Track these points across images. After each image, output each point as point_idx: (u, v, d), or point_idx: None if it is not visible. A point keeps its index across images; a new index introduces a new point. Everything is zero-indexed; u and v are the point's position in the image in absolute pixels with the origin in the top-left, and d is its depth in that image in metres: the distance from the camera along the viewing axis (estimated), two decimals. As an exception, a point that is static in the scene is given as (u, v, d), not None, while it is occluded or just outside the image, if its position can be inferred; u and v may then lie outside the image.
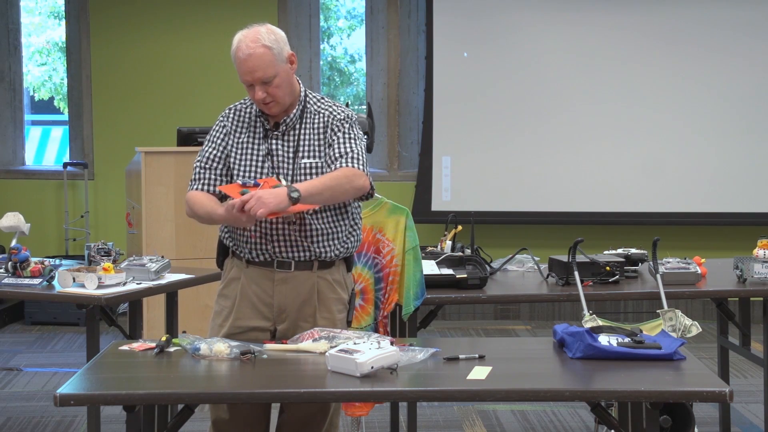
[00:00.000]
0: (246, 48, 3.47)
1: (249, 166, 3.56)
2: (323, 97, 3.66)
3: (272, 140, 3.57)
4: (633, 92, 8.02)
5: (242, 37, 3.50)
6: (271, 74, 3.47)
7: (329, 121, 3.57)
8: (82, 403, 3.10)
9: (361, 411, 4.32)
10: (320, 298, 3.57)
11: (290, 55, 3.54)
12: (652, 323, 3.85)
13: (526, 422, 5.46)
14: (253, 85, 3.50)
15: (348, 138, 3.54)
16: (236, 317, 3.58)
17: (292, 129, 3.56)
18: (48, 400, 5.74)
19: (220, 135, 3.63)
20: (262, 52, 3.46)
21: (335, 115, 3.58)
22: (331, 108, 3.61)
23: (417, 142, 8.33)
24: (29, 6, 10.87)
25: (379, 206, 4.20)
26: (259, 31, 3.50)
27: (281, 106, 3.54)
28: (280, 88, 3.50)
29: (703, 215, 8.10)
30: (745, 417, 5.54)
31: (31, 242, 5.67)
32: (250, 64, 3.47)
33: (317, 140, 3.56)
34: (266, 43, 3.47)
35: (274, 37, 3.50)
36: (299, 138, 3.56)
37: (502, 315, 8.28)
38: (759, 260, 4.44)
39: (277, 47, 3.49)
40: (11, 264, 4.52)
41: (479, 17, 8.02)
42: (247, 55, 3.47)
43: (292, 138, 3.56)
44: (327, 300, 3.58)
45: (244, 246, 3.56)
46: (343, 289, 3.63)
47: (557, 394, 3.09)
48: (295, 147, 3.55)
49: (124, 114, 8.24)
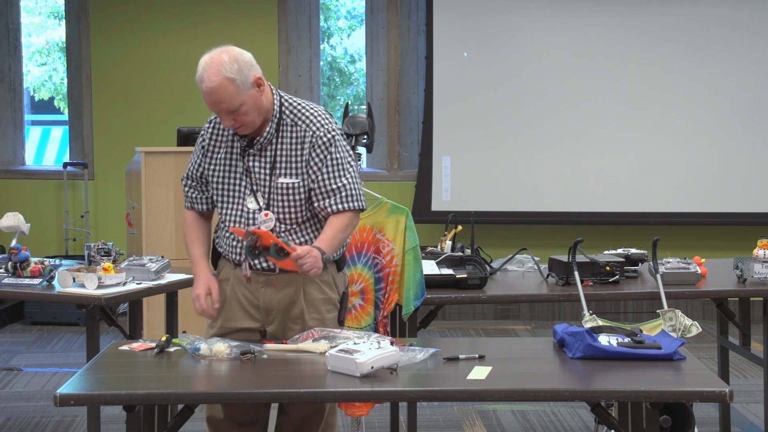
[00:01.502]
0: (208, 81, 3.38)
1: (228, 184, 3.55)
2: (300, 105, 3.55)
3: (249, 157, 3.52)
4: (633, 92, 8.02)
5: (205, 67, 3.41)
6: (236, 105, 3.38)
7: (310, 140, 3.47)
8: (82, 403, 3.11)
9: (361, 411, 4.32)
10: (307, 299, 3.56)
11: (256, 79, 3.43)
12: (652, 323, 3.85)
13: (526, 422, 5.46)
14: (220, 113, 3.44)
15: (336, 165, 3.48)
16: (226, 318, 3.59)
17: (268, 144, 3.51)
18: (48, 400, 5.74)
19: (199, 152, 3.61)
20: (225, 84, 3.36)
21: (316, 133, 3.47)
22: (310, 121, 3.49)
23: (417, 142, 8.33)
24: (29, 6, 10.87)
25: (379, 206, 4.20)
26: (222, 60, 3.39)
27: (252, 128, 3.47)
28: (248, 114, 3.41)
29: (703, 215, 8.10)
30: (745, 417, 5.54)
31: (31, 242, 5.66)
32: (214, 97, 3.38)
33: (295, 156, 3.49)
34: (229, 74, 3.37)
35: (237, 66, 3.39)
36: (276, 154, 3.50)
37: (502, 315, 8.27)
38: (759, 260, 4.44)
39: (240, 77, 3.38)
40: (11, 264, 4.52)
41: (479, 17, 8.02)
42: (210, 89, 3.37)
43: (269, 154, 3.51)
44: (315, 301, 3.57)
45: (231, 251, 3.58)
46: (332, 289, 3.62)
47: (557, 394, 3.09)
48: (272, 164, 3.50)
49: (124, 114, 8.24)
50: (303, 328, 3.50)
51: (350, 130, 4.79)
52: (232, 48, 3.46)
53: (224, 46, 3.47)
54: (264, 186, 3.51)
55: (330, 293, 3.61)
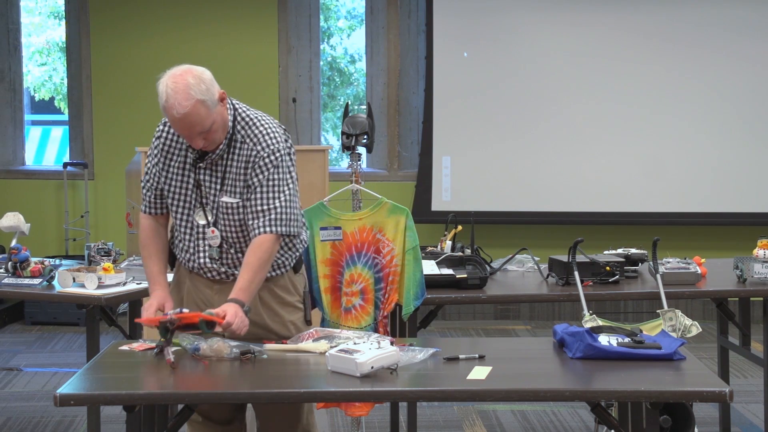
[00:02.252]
0: (179, 106, 3.25)
1: (180, 194, 3.49)
2: (252, 119, 3.46)
3: (199, 171, 3.46)
4: (633, 92, 8.02)
5: (171, 93, 3.26)
6: (209, 125, 3.30)
7: (252, 158, 3.40)
8: (82, 403, 3.11)
9: (361, 411, 4.32)
10: (264, 305, 3.55)
11: (221, 94, 3.36)
12: (652, 323, 3.85)
13: (526, 422, 5.46)
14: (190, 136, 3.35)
15: (271, 186, 3.40)
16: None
17: (219, 159, 3.44)
18: (48, 400, 5.74)
19: (153, 161, 3.53)
20: (197, 107, 3.26)
21: (260, 153, 3.40)
22: (258, 139, 3.41)
23: (417, 142, 8.33)
24: (29, 6, 10.87)
25: (379, 206, 4.20)
26: (187, 83, 3.27)
27: (218, 143, 3.40)
28: (217, 132, 3.35)
29: (703, 215, 8.10)
30: (745, 417, 5.54)
31: (31, 242, 5.66)
32: (187, 121, 3.28)
33: (240, 176, 3.42)
34: (199, 96, 3.26)
35: (204, 86, 3.29)
36: (225, 171, 3.44)
37: (502, 315, 8.27)
38: (759, 260, 4.44)
39: (209, 96, 3.29)
40: (11, 264, 4.52)
41: (479, 17, 8.02)
42: (183, 115, 3.26)
43: (219, 169, 3.44)
44: (272, 306, 3.56)
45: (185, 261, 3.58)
46: (289, 292, 3.60)
47: (557, 394, 3.09)
48: (221, 180, 3.44)
49: (124, 114, 8.24)
50: (267, 331, 3.51)
51: (350, 130, 4.79)
52: (191, 67, 3.34)
53: (182, 67, 3.34)
54: (213, 201, 3.46)
55: (287, 297, 3.59)
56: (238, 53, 8.24)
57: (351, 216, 4.23)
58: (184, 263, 3.58)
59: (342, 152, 6.47)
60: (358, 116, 4.84)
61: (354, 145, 4.78)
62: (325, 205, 4.22)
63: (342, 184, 4.74)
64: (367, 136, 4.79)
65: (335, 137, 10.16)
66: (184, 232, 3.52)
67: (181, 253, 3.57)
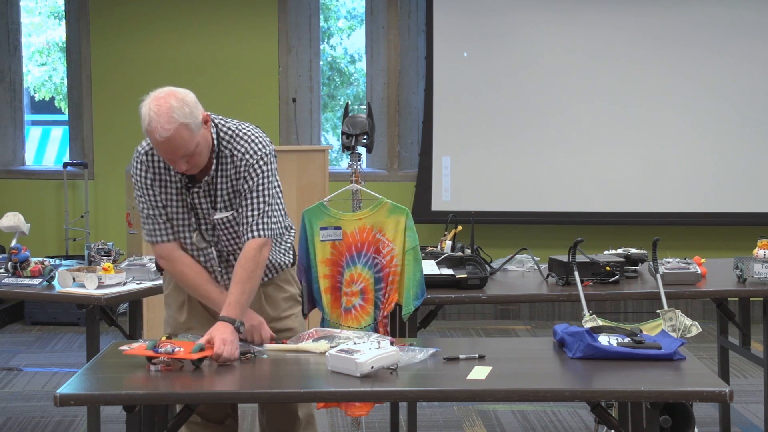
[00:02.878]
0: (162, 130, 3.20)
1: (177, 219, 3.46)
2: (234, 130, 3.42)
3: (193, 193, 3.42)
4: (633, 92, 8.02)
5: (154, 116, 3.21)
6: (192, 147, 3.26)
7: (240, 166, 3.37)
8: (82, 403, 3.11)
9: (361, 411, 4.32)
10: (269, 301, 3.57)
11: (204, 116, 3.31)
12: (652, 323, 3.85)
13: (526, 422, 5.46)
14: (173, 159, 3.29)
15: (257, 189, 3.37)
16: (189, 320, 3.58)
17: (211, 180, 3.41)
18: (48, 400, 5.74)
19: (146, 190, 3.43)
20: (180, 130, 3.21)
21: (248, 160, 3.37)
22: (244, 149, 3.38)
23: (417, 142, 8.33)
24: (29, 6, 10.87)
25: (379, 206, 4.20)
26: (171, 106, 3.22)
27: (201, 166, 3.36)
28: (201, 154, 3.31)
29: (703, 215, 8.10)
30: (745, 417, 5.54)
31: (31, 242, 5.66)
32: (171, 145, 3.22)
33: (231, 189, 3.40)
34: (182, 119, 3.21)
35: (188, 109, 3.24)
36: (216, 189, 3.41)
37: (502, 315, 8.27)
38: (759, 260, 4.44)
39: (192, 119, 3.24)
40: (11, 264, 4.52)
41: (479, 17, 8.02)
42: (166, 138, 3.21)
43: (211, 189, 3.41)
44: (276, 300, 3.59)
45: None
46: (291, 284, 3.65)
47: (557, 394, 3.09)
48: (213, 199, 3.42)
49: (124, 114, 8.23)
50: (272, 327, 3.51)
51: (350, 130, 4.79)
52: (175, 90, 3.29)
53: (165, 89, 3.30)
54: (209, 222, 3.45)
55: (291, 289, 3.65)
56: (238, 53, 8.24)
57: (351, 216, 4.23)
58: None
59: (342, 152, 6.47)
60: (358, 116, 4.83)
61: (354, 145, 4.78)
62: (325, 205, 4.22)
63: (342, 184, 4.74)
64: (367, 136, 4.79)
65: (335, 137, 10.17)
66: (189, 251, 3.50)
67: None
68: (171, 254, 3.47)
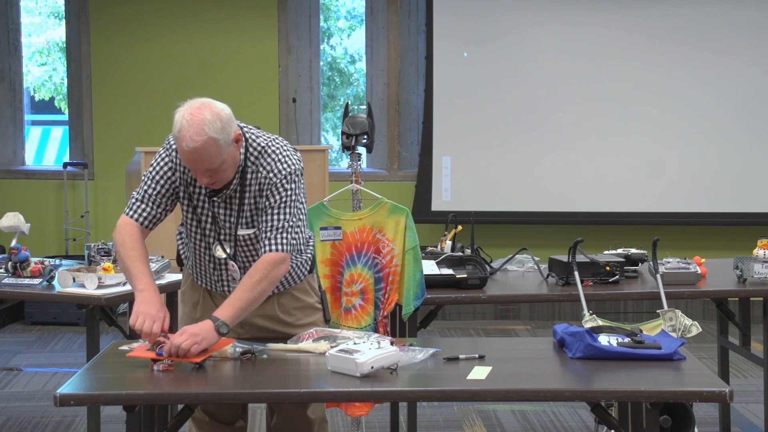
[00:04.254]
0: (190, 140, 3.17)
1: (198, 226, 3.44)
2: (263, 146, 3.37)
3: (215, 204, 3.40)
4: (633, 92, 8.02)
5: (186, 124, 3.20)
6: (218, 163, 3.23)
7: (265, 183, 3.34)
8: (82, 403, 3.11)
9: (361, 411, 4.33)
10: (283, 311, 3.54)
11: (236, 135, 3.28)
12: (652, 323, 3.85)
13: (526, 422, 5.46)
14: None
15: (279, 207, 3.33)
16: None
17: (234, 193, 3.39)
18: (48, 400, 5.74)
19: (163, 173, 3.40)
20: (209, 144, 3.18)
21: (271, 178, 3.33)
22: (270, 166, 3.34)
23: (417, 142, 8.33)
24: (29, 6, 10.87)
25: (379, 206, 4.20)
26: (204, 118, 3.19)
27: (224, 182, 3.33)
28: (227, 172, 3.28)
29: (703, 215, 8.10)
30: (745, 417, 5.54)
31: (31, 242, 5.67)
32: (195, 156, 3.20)
33: (255, 206, 3.38)
34: (212, 134, 3.18)
35: (220, 125, 3.21)
36: (240, 204, 3.38)
37: (502, 315, 8.28)
38: (759, 260, 4.44)
39: (223, 136, 3.21)
40: (11, 264, 4.52)
41: (479, 17, 8.02)
42: (192, 149, 3.18)
43: (235, 203, 3.38)
44: (291, 310, 3.55)
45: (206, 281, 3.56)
46: (308, 294, 3.59)
47: (557, 394, 3.09)
48: (237, 215, 3.39)
49: (124, 114, 8.24)
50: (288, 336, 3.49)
51: (350, 130, 4.79)
52: (212, 103, 3.27)
53: (202, 100, 3.27)
54: (230, 235, 3.42)
55: (307, 298, 3.58)
56: (238, 53, 8.24)
57: (351, 216, 4.23)
58: (201, 282, 3.57)
59: (342, 152, 6.47)
60: (358, 116, 4.84)
61: (354, 145, 4.78)
62: (325, 205, 4.23)
63: (342, 184, 4.74)
64: (367, 136, 4.79)
65: (335, 137, 10.17)
66: (207, 261, 3.48)
67: (200, 276, 3.55)
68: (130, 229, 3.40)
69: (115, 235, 3.44)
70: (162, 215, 3.45)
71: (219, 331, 3.20)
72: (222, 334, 3.20)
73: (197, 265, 3.54)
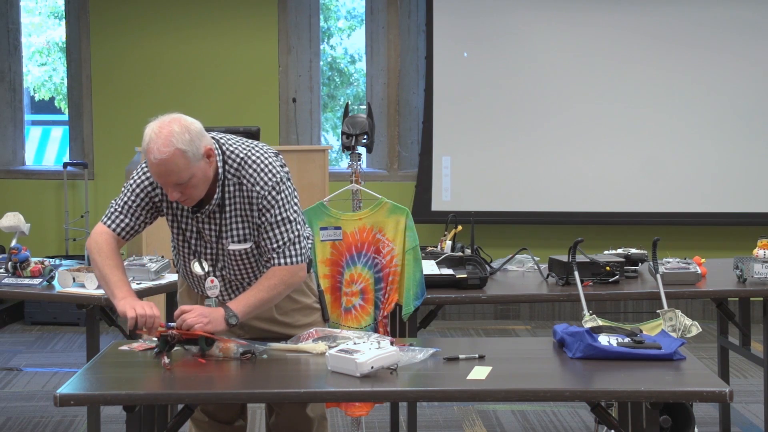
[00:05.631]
0: (158, 152, 3.15)
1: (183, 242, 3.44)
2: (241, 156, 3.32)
3: (197, 217, 3.38)
4: (633, 92, 8.02)
5: (153, 136, 3.18)
6: (186, 177, 3.19)
7: (255, 199, 3.30)
8: (82, 403, 3.11)
9: (361, 411, 4.32)
10: (281, 313, 3.52)
11: (207, 149, 3.23)
12: (652, 323, 3.85)
13: (526, 422, 5.46)
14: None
15: (278, 221, 3.31)
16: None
17: (217, 207, 3.34)
18: (48, 400, 5.74)
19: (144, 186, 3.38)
20: (176, 155, 3.15)
21: (260, 193, 3.29)
22: (254, 179, 3.30)
23: (417, 142, 8.33)
24: (29, 6, 10.87)
25: (379, 206, 4.20)
26: (172, 130, 3.17)
27: (196, 200, 3.29)
28: (197, 187, 3.24)
29: (703, 215, 8.10)
30: (745, 417, 5.54)
31: (31, 242, 5.67)
32: (163, 168, 3.17)
33: (244, 220, 3.34)
34: (180, 145, 3.15)
35: (189, 137, 3.18)
36: (224, 218, 3.35)
37: (502, 315, 8.27)
38: (759, 260, 4.44)
39: (192, 148, 3.17)
40: (11, 264, 4.52)
41: (479, 17, 8.02)
42: (160, 160, 3.16)
43: (215, 219, 3.36)
44: (289, 312, 3.54)
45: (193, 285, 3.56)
46: (305, 295, 3.57)
47: (557, 394, 3.09)
48: (218, 230, 3.37)
49: (124, 114, 8.24)
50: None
51: (350, 130, 4.79)
52: (182, 117, 3.24)
53: (173, 114, 3.24)
54: (218, 249, 3.41)
55: (304, 299, 3.57)
56: (238, 53, 8.24)
57: (351, 216, 4.23)
58: (196, 289, 3.57)
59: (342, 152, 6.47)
60: (358, 116, 4.84)
61: (354, 145, 4.78)
62: (325, 205, 4.23)
63: (342, 184, 4.74)
64: (367, 136, 4.79)
65: (335, 137, 10.17)
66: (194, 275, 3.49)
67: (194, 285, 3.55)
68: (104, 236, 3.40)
69: (91, 243, 3.43)
70: (140, 227, 3.43)
71: (228, 322, 3.24)
72: (230, 325, 3.24)
73: (188, 276, 3.54)
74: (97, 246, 3.40)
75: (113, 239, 3.41)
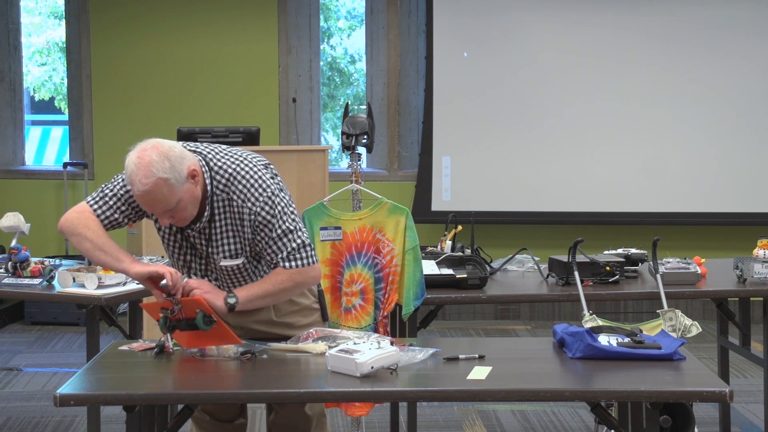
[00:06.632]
0: (140, 184, 3.14)
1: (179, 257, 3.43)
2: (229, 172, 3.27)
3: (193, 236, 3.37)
4: (633, 92, 8.02)
5: (134, 168, 3.16)
6: (174, 203, 3.18)
7: (249, 218, 3.26)
8: (82, 403, 3.11)
9: (361, 411, 4.33)
10: (279, 315, 3.51)
11: (190, 171, 3.20)
12: (652, 323, 3.85)
13: (526, 422, 5.46)
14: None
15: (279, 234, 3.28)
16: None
17: (208, 224, 3.32)
18: (48, 400, 5.74)
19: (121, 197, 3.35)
20: (160, 185, 3.14)
21: (253, 209, 3.25)
22: (245, 196, 3.25)
23: (417, 142, 8.33)
24: (29, 6, 10.87)
25: (379, 206, 4.20)
26: (152, 160, 3.14)
27: (189, 220, 3.29)
28: (186, 209, 3.22)
29: (703, 215, 8.10)
30: (745, 417, 5.54)
31: (31, 242, 5.66)
32: (148, 199, 3.17)
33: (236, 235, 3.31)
34: (161, 174, 3.13)
35: (169, 164, 3.15)
36: (213, 233, 3.32)
37: (502, 315, 8.27)
38: (759, 260, 4.44)
39: (173, 174, 3.15)
40: (11, 264, 4.52)
41: (479, 17, 8.02)
42: (144, 192, 3.15)
43: (206, 235, 3.34)
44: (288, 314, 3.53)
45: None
46: (304, 295, 3.55)
47: (557, 394, 3.09)
48: (213, 245, 3.34)
49: (124, 114, 8.24)
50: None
51: (350, 130, 4.79)
52: (160, 143, 3.21)
53: (151, 141, 3.22)
54: (206, 263, 3.41)
55: (303, 300, 3.56)
56: (238, 53, 8.24)
57: (351, 216, 4.23)
58: None
59: (342, 152, 6.47)
60: (358, 116, 4.84)
61: (354, 145, 4.78)
62: (325, 205, 4.23)
63: (342, 184, 4.74)
64: (367, 136, 4.79)
65: (335, 137, 10.17)
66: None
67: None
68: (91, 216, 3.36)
69: (72, 216, 3.38)
70: (124, 222, 3.41)
71: (227, 301, 3.26)
72: (229, 306, 3.26)
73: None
74: (84, 222, 3.35)
75: (99, 224, 3.37)
